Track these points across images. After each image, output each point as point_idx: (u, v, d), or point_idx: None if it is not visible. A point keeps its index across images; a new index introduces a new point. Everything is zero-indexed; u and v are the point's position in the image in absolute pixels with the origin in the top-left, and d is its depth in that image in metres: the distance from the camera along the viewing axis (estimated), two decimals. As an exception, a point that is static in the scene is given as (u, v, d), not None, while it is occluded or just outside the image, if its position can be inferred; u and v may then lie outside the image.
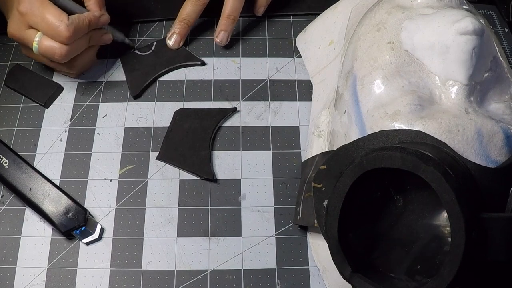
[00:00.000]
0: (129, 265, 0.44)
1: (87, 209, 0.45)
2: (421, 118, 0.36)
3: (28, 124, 0.51)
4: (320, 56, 0.52)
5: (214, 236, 0.46)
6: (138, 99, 0.53)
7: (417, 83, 0.38)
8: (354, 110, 0.40)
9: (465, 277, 0.30)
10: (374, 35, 0.41)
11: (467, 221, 0.29)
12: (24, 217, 0.46)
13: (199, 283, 0.44)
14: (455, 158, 0.34)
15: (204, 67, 0.55)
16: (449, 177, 0.30)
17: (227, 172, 0.49)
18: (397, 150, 0.32)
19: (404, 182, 0.35)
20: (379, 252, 0.35)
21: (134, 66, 0.54)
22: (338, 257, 0.33)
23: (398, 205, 0.35)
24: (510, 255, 0.31)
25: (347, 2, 0.51)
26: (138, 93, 0.53)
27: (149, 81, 0.53)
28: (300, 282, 0.44)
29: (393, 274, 0.34)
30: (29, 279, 0.43)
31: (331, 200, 0.34)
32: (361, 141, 0.37)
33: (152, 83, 0.54)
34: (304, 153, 0.50)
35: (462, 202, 0.29)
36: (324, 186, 0.38)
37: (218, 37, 0.54)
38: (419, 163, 0.30)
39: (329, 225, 0.34)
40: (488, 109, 0.38)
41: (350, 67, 0.42)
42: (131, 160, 0.49)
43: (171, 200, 0.47)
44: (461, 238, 0.29)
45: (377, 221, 0.36)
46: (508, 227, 0.31)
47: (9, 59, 0.55)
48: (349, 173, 0.33)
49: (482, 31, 0.37)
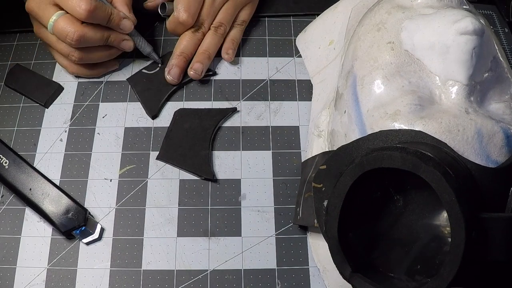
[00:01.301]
0: (129, 265, 0.44)
1: (87, 209, 0.45)
2: (421, 118, 0.36)
3: (28, 124, 0.51)
4: (320, 56, 0.52)
5: (214, 236, 0.46)
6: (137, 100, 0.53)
7: (417, 83, 0.38)
8: (354, 110, 0.40)
9: (465, 277, 0.30)
10: (374, 35, 0.41)
11: (467, 221, 0.29)
12: (24, 217, 0.46)
13: (199, 283, 0.44)
14: (455, 158, 0.34)
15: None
16: (449, 177, 0.30)
17: (227, 172, 0.49)
18: (397, 150, 0.32)
19: (404, 182, 0.35)
20: (379, 252, 0.35)
21: (145, 86, 0.53)
22: (338, 257, 0.33)
23: (398, 205, 0.35)
24: (510, 255, 0.31)
25: (347, 2, 0.51)
26: (156, 113, 0.51)
27: (164, 98, 0.52)
28: (300, 282, 0.44)
29: (393, 274, 0.34)
30: (29, 279, 0.43)
31: (331, 200, 0.34)
32: (361, 141, 0.37)
33: (167, 100, 0.52)
34: (304, 153, 0.50)
35: (462, 202, 0.29)
36: (324, 186, 0.38)
37: (193, 67, 0.52)
38: (419, 163, 0.30)
39: (329, 225, 0.34)
40: (488, 109, 0.38)
41: (350, 67, 0.42)
42: (131, 160, 0.49)
43: (171, 200, 0.47)
44: (461, 238, 0.29)
45: (377, 221, 0.36)
46: (508, 227, 0.31)
47: (9, 59, 0.55)
48: (349, 173, 0.33)
49: (482, 31, 0.37)
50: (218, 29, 0.53)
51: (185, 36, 0.53)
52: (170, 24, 0.53)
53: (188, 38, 0.53)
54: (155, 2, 0.54)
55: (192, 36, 0.53)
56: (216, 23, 0.54)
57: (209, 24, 0.53)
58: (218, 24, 0.54)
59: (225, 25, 0.54)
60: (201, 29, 0.53)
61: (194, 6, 0.51)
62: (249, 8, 0.57)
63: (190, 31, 0.53)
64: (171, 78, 0.52)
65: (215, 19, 0.54)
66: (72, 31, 0.46)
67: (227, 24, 0.54)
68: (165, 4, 0.52)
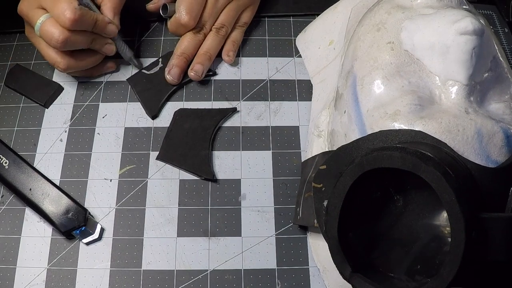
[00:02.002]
0: (129, 265, 0.44)
1: (87, 209, 0.45)
2: (421, 118, 0.36)
3: (28, 124, 0.51)
4: (320, 56, 0.52)
5: (214, 236, 0.46)
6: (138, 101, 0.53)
7: (417, 83, 0.38)
8: (354, 110, 0.40)
9: (465, 277, 0.30)
10: (374, 35, 0.41)
11: (467, 221, 0.29)
12: (24, 217, 0.46)
13: (199, 283, 0.44)
14: (455, 158, 0.34)
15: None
16: (449, 177, 0.30)
17: (227, 172, 0.49)
18: (397, 150, 0.32)
19: (404, 182, 0.35)
20: (379, 252, 0.35)
21: (145, 86, 0.53)
22: (338, 257, 0.34)
23: (398, 205, 0.35)
24: (510, 255, 0.31)
25: (347, 2, 0.51)
26: (156, 113, 0.52)
27: (164, 99, 0.52)
28: (300, 282, 0.44)
29: (393, 274, 0.34)
30: (29, 279, 0.43)
31: (331, 200, 0.34)
32: (361, 141, 0.37)
33: (167, 100, 0.53)
34: (304, 153, 0.50)
35: (462, 202, 0.29)
36: (324, 186, 0.38)
37: (194, 68, 0.52)
38: (419, 163, 0.30)
39: (329, 225, 0.34)
40: (488, 109, 0.38)
41: (350, 67, 0.42)
42: (131, 160, 0.49)
43: (171, 200, 0.47)
44: (461, 238, 0.29)
45: (377, 221, 0.36)
46: (508, 227, 0.31)
47: (9, 59, 0.55)
48: (349, 173, 0.33)
49: (482, 31, 0.37)
50: (220, 31, 0.53)
51: (186, 37, 0.53)
52: (171, 25, 0.53)
53: (189, 39, 0.53)
54: (157, 4, 0.54)
55: (193, 37, 0.53)
56: (218, 24, 0.54)
57: (210, 25, 0.54)
58: (219, 26, 0.54)
59: (226, 26, 0.54)
60: (203, 30, 0.53)
61: (196, 8, 0.51)
62: (251, 10, 0.57)
63: (192, 32, 0.53)
64: (171, 78, 0.52)
65: (216, 20, 0.54)
66: (58, 32, 0.45)
67: (229, 25, 0.54)
68: (167, 5, 0.52)
